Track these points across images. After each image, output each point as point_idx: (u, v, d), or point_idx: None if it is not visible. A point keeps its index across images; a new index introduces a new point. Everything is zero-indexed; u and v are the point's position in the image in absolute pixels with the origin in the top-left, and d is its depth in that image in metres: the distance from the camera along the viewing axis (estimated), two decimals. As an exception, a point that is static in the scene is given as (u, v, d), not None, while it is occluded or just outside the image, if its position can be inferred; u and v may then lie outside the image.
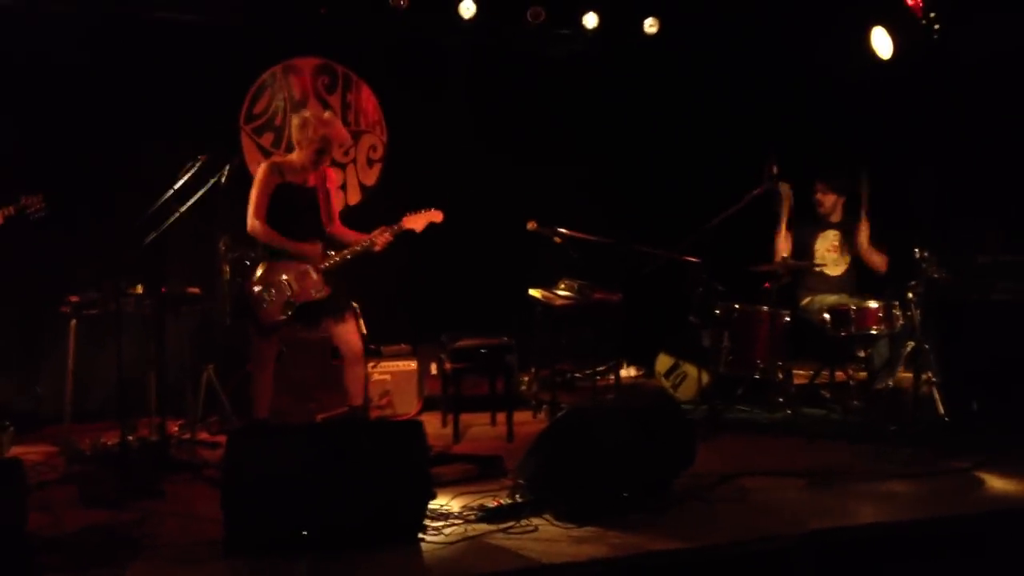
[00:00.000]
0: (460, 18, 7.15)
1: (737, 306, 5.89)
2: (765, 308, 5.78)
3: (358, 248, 5.08)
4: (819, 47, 7.16)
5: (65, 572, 3.18)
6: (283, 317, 4.90)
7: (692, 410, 5.59)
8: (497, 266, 6.92)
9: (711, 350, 5.94)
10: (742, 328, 5.83)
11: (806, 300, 6.09)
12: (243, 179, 5.35)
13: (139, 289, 5.02)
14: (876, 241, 6.01)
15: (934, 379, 5.10)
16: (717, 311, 5.90)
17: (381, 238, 5.07)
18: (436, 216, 5.24)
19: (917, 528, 3.62)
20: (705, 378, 6.05)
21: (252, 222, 5.01)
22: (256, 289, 4.92)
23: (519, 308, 6.03)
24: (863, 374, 5.74)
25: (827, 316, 5.56)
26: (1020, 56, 6.18)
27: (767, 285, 5.82)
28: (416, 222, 5.18)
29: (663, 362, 6.49)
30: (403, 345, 6.37)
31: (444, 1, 7.11)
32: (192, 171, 4.97)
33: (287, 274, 4.95)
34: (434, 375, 6.32)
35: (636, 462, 3.93)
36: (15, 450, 4.96)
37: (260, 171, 5.12)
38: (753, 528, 3.59)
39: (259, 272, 4.97)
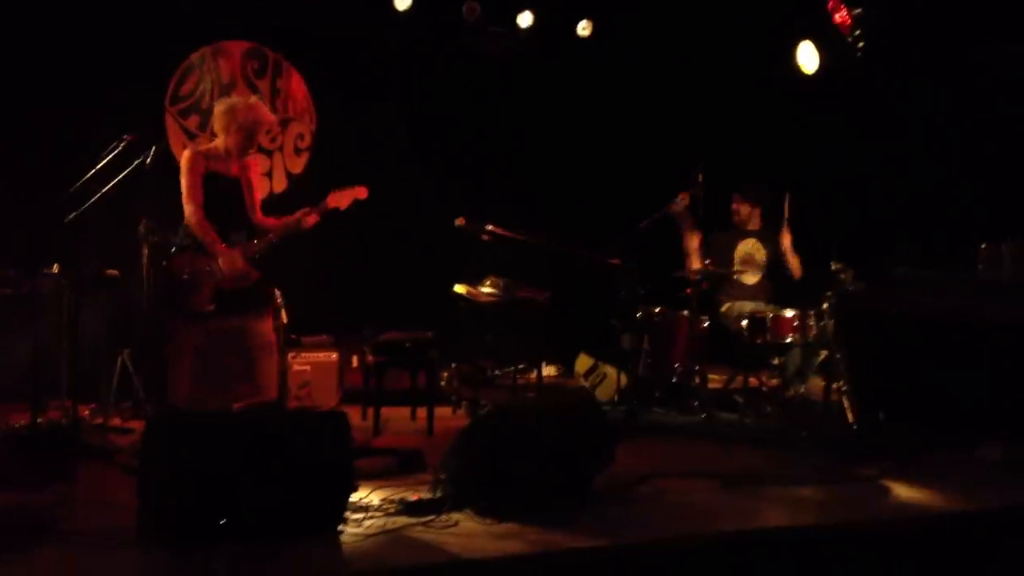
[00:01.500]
0: (395, 9, 7.14)
1: (657, 310, 6.01)
2: (684, 313, 5.91)
3: (283, 230, 5.00)
4: (749, 58, 7.34)
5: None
6: (211, 306, 4.81)
7: (610, 411, 5.68)
8: (423, 261, 6.91)
9: (630, 352, 6.05)
10: (661, 332, 5.96)
11: (724, 307, 6.25)
12: (167, 162, 5.24)
13: (56, 269, 4.87)
14: (796, 251, 6.20)
15: (844, 388, 5.27)
16: (638, 314, 6.01)
17: (306, 220, 4.99)
18: (361, 193, 5.14)
19: (823, 533, 3.74)
20: (624, 380, 6.15)
21: (190, 211, 4.87)
22: (183, 276, 4.82)
23: (443, 304, 6.04)
24: (776, 381, 5.91)
25: (744, 323, 5.72)
26: (944, 71, 6.44)
27: (687, 291, 5.95)
28: (340, 199, 5.07)
29: (583, 362, 6.58)
30: (324, 336, 6.31)
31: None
32: (116, 151, 4.86)
33: (216, 262, 4.86)
34: (355, 368, 6.28)
35: (557, 460, 3.97)
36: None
37: (186, 159, 4.95)
38: (669, 528, 3.67)
39: (187, 258, 4.86)
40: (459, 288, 5.89)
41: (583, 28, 7.67)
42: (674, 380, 5.91)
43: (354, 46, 7.24)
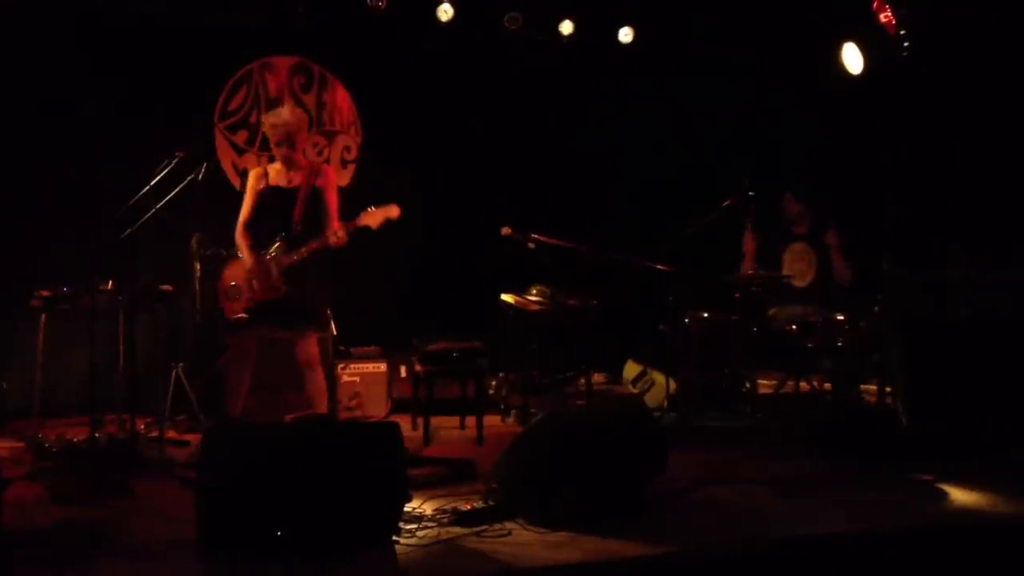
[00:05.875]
0: (438, 21, 7.19)
1: (706, 315, 5.97)
2: (734, 317, 5.86)
3: (314, 246, 5.06)
4: (795, 60, 7.27)
5: (38, 569, 3.15)
6: (244, 314, 4.91)
7: (660, 417, 5.65)
8: (469, 270, 6.94)
9: (679, 358, 6.01)
10: (711, 337, 5.91)
11: (774, 310, 6.18)
12: (217, 177, 5.33)
13: (111, 285, 4.97)
14: (844, 255, 6.13)
15: (898, 392, 5.19)
16: (687, 319, 5.98)
17: (336, 235, 5.02)
18: (393, 212, 5.12)
19: (879, 538, 3.69)
20: (673, 386, 6.11)
21: (238, 222, 5.13)
22: (223, 285, 4.97)
23: (490, 313, 6.06)
24: (828, 385, 5.83)
25: (794, 327, 5.66)
26: (990, 72, 6.32)
27: (736, 295, 5.90)
28: (373, 218, 5.07)
29: (631, 369, 6.55)
30: (373, 347, 6.37)
31: (423, 3, 7.14)
32: (169, 167, 4.95)
33: (249, 271, 4.97)
34: (403, 378, 6.32)
35: (609, 468, 3.96)
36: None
37: (250, 177, 5.24)
38: (723, 535, 3.65)
39: (231, 268, 5.00)
40: (506, 297, 5.90)
41: (625, 35, 7.66)
42: (724, 385, 5.86)
43: (398, 58, 7.30)
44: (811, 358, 5.71)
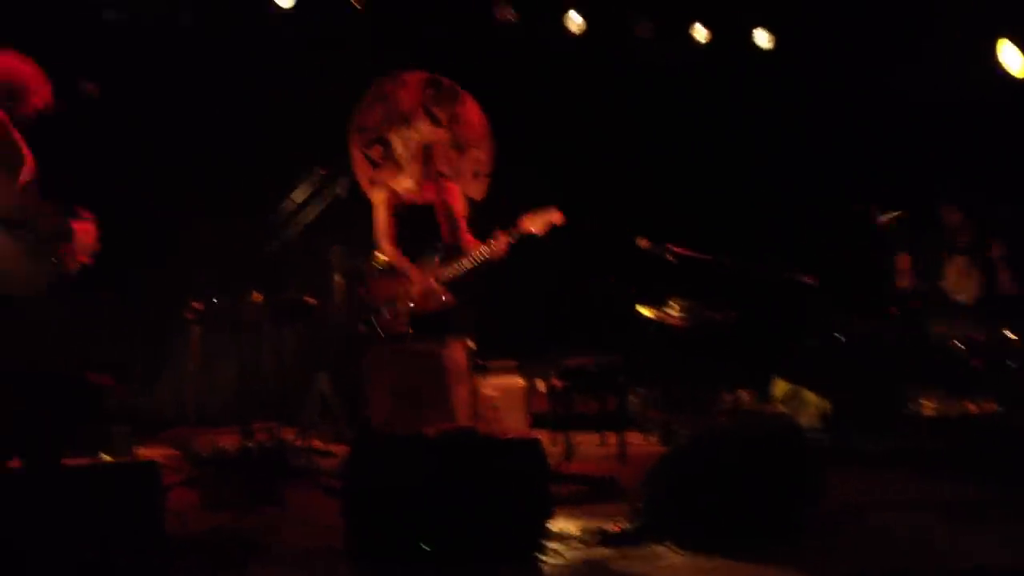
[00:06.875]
0: (568, 31, 7.16)
1: (859, 331, 5.69)
2: (891, 333, 5.57)
3: (477, 257, 4.99)
4: (948, 60, 6.90)
5: (195, 574, 3.23)
6: (408, 328, 4.90)
7: (814, 438, 5.40)
8: (604, 282, 6.82)
9: (832, 376, 5.74)
10: (867, 354, 5.63)
11: (935, 327, 5.85)
12: (354, 191, 5.40)
13: (258, 297, 5.09)
14: (1011, 268, 5.75)
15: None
16: (838, 335, 5.71)
17: (497, 244, 4.91)
18: (556, 216, 4.95)
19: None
20: (826, 405, 5.84)
21: (383, 245, 5.07)
22: (379, 300, 4.95)
23: (626, 326, 5.93)
24: (995, 406, 5.47)
25: (959, 344, 5.33)
26: None
27: (893, 310, 5.61)
28: (535, 223, 4.91)
29: (780, 387, 6.29)
30: (509, 360, 6.32)
31: (552, 14, 7.11)
32: (313, 183, 5.05)
33: (410, 286, 4.96)
34: (540, 392, 6.25)
35: (762, 490, 3.79)
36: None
37: (378, 197, 5.17)
38: (888, 563, 3.42)
39: (383, 282, 5.00)
40: (644, 310, 5.76)
41: (763, 39, 7.45)
42: (882, 405, 5.56)
43: (529, 68, 7.28)
44: (977, 377, 5.37)
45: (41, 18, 5.70)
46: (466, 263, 4.98)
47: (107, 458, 4.48)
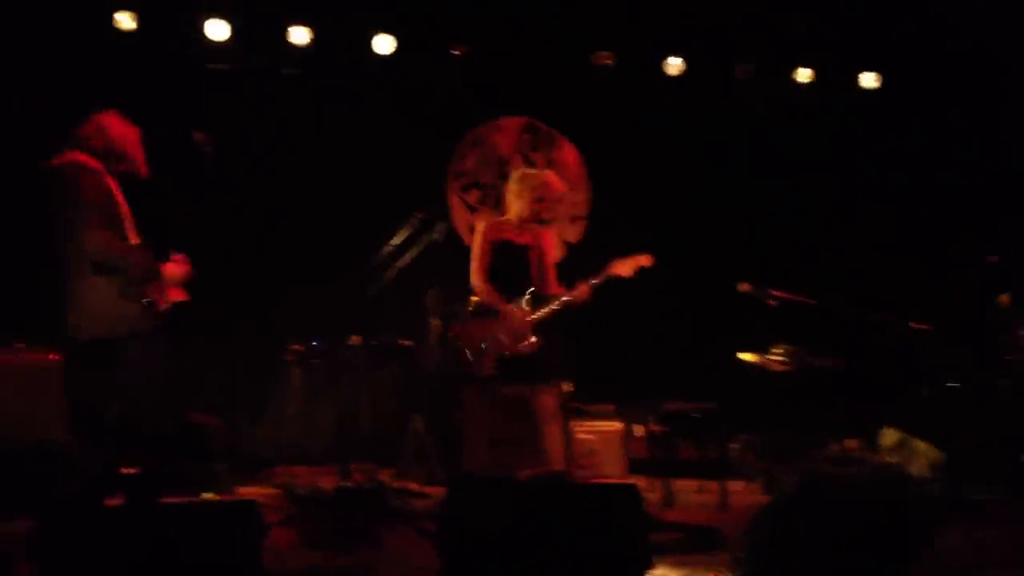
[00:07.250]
0: (665, 75, 7.14)
1: (975, 379, 5.42)
2: (1008, 383, 5.29)
3: (565, 300, 4.97)
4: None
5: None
6: (494, 371, 4.88)
7: (925, 489, 5.14)
8: (704, 327, 6.71)
9: (945, 426, 5.47)
10: (980, 404, 5.35)
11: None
12: (450, 235, 5.44)
13: (357, 340, 5.15)
14: None
15: None
16: (951, 383, 5.45)
17: (579, 292, 4.88)
18: (645, 260, 4.93)
19: None
20: (937, 455, 5.56)
21: (476, 276, 5.02)
22: (469, 342, 4.93)
23: (726, 371, 5.78)
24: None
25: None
26: None
27: (1009, 358, 5.34)
28: (624, 267, 4.88)
29: (889, 436, 6.02)
30: (607, 404, 6.24)
31: (648, 58, 7.11)
32: (411, 228, 5.11)
33: (500, 328, 4.93)
34: (638, 437, 6.13)
35: (870, 542, 3.62)
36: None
37: (479, 228, 5.13)
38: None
39: (476, 325, 4.98)
40: (746, 356, 5.62)
41: (869, 79, 7.29)
42: (999, 457, 5.26)
43: (625, 112, 7.27)
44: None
45: (147, 69, 5.98)
46: (556, 307, 4.95)
47: (210, 496, 4.56)
